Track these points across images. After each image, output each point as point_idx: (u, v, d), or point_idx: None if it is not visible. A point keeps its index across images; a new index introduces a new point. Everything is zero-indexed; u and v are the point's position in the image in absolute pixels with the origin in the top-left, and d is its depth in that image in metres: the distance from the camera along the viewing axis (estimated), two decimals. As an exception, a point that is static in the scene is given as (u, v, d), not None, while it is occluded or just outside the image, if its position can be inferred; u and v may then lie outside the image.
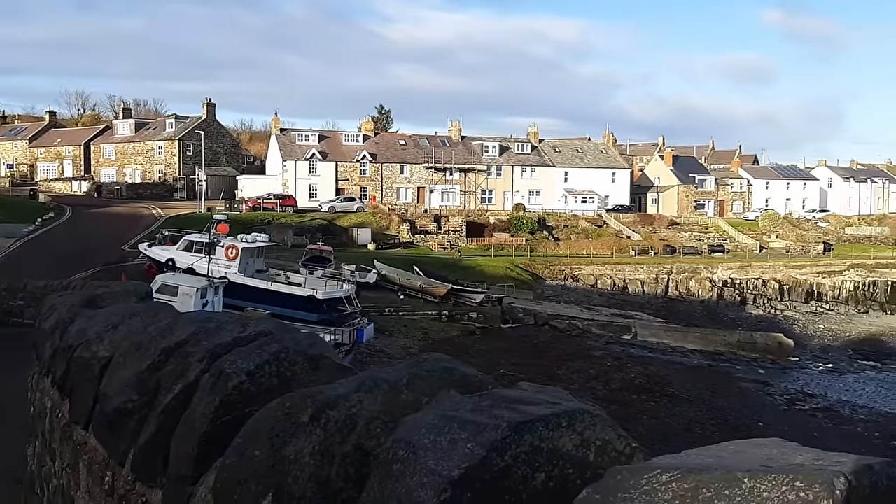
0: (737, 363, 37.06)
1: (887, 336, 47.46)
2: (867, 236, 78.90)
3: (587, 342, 38.45)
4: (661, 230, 72.85)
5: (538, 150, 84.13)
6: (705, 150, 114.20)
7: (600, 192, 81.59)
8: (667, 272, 57.18)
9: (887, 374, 37.74)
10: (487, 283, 47.14)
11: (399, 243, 60.86)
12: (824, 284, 58.75)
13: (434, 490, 1.28)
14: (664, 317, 48.17)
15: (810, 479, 1.01)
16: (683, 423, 26.33)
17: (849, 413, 30.20)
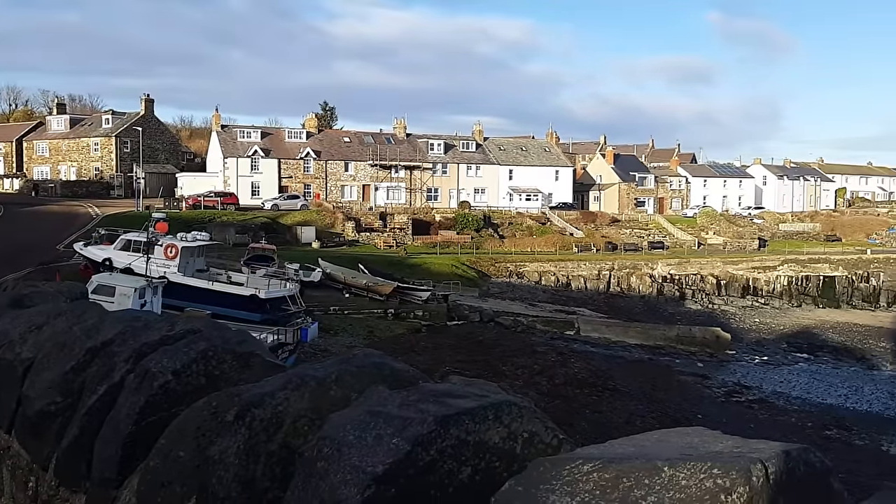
0: (676, 357, 37.88)
1: (819, 329, 49.13)
2: (800, 232, 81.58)
3: (532, 338, 38.81)
4: (603, 227, 74.01)
5: (483, 148, 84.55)
6: (645, 148, 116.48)
7: (544, 190, 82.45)
8: (609, 268, 58.11)
9: (819, 366, 39.08)
10: (433, 281, 47.18)
11: (344, 241, 60.44)
12: (760, 279, 60.53)
13: (357, 487, 1.25)
14: (606, 312, 48.96)
15: (728, 467, 1.02)
16: (625, 416, 26.79)
17: (783, 404, 31.16)
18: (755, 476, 1.03)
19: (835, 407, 31.06)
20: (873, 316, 55.03)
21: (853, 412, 30.40)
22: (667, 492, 1.04)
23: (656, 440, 1.27)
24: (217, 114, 76.83)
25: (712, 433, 1.30)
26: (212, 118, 78.86)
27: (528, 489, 1.12)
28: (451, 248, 61.27)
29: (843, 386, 34.50)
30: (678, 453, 1.12)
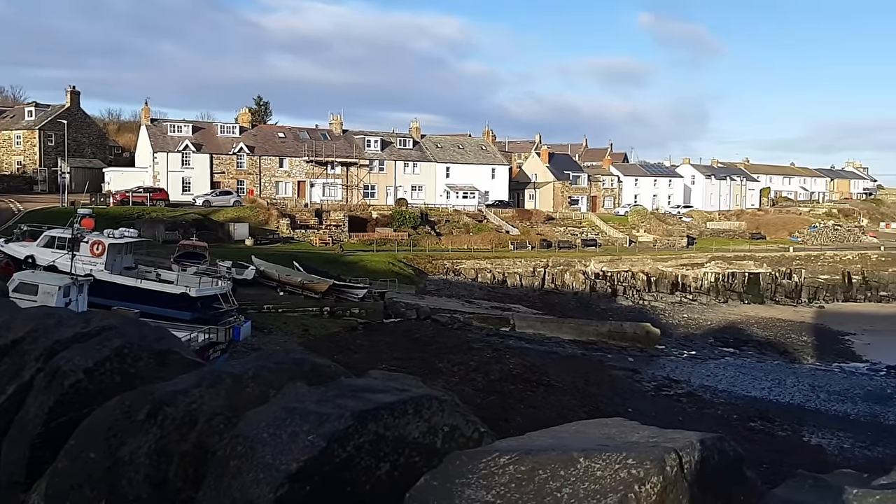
0: (608, 352, 38.58)
1: (745, 324, 50.81)
2: (726, 230, 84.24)
3: (468, 335, 38.99)
4: (538, 225, 74.94)
5: (420, 145, 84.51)
6: (579, 148, 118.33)
7: (481, 188, 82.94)
8: (543, 265, 58.83)
9: (745, 360, 40.39)
10: (370, 279, 46.95)
11: (278, 239, 59.58)
12: (688, 276, 62.24)
13: (270, 486, 1.21)
14: (541, 309, 49.56)
15: (642, 457, 1.02)
16: (558, 410, 27.14)
17: (710, 397, 32.05)
18: (669, 466, 1.04)
19: (759, 399, 32.10)
20: (795, 311, 57.22)
21: (776, 404, 31.49)
22: (582, 483, 1.03)
23: (575, 431, 1.26)
24: (146, 107, 74.68)
25: (630, 424, 1.30)
26: (141, 112, 76.61)
27: (443, 483, 1.09)
28: (388, 245, 61.09)
29: (767, 379, 35.69)
30: (595, 444, 1.12)
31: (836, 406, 31.50)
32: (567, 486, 1.02)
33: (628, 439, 1.16)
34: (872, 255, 69.55)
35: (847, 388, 34.33)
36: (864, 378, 37.39)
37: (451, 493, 1.05)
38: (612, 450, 1.08)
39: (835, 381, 36.09)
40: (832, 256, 67.84)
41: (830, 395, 33.20)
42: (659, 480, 1.02)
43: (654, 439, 1.15)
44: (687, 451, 1.08)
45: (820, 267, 66.08)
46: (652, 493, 1.01)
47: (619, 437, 1.18)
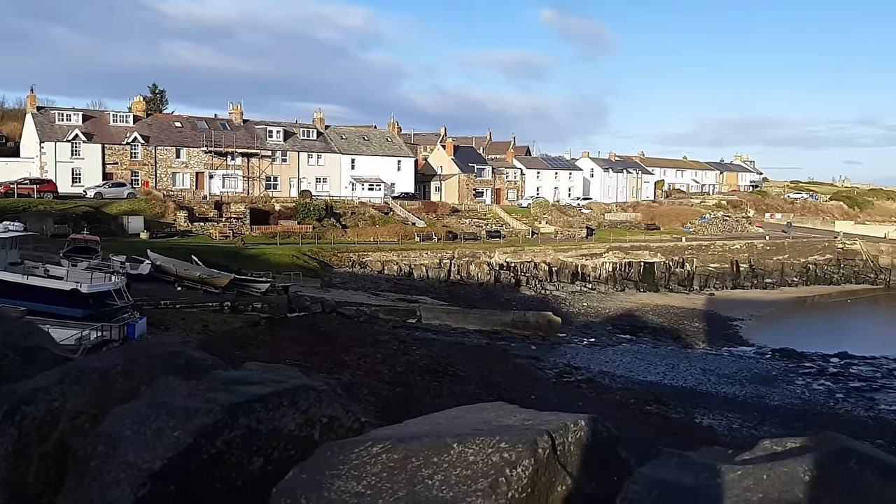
0: (512, 341, 39.23)
1: (641, 311, 52.73)
2: (623, 221, 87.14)
3: (374, 327, 38.82)
4: (444, 217, 75.39)
5: (324, 136, 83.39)
6: (484, 141, 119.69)
7: (387, 180, 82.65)
8: (449, 257, 59.25)
9: (641, 346, 41.92)
10: (273, 272, 46.04)
11: (176, 232, 57.61)
12: (587, 266, 64.05)
13: (131, 486, 1.13)
14: (447, 300, 49.91)
15: (514, 440, 1.02)
16: (464, 400, 27.27)
17: (609, 382, 33.08)
18: (541, 448, 1.03)
19: (654, 384, 33.35)
20: (688, 298, 59.84)
21: (670, 388, 32.80)
22: (454, 469, 1.01)
23: (454, 417, 1.25)
24: (32, 94, 70.50)
25: (510, 407, 1.30)
26: (26, 99, 72.22)
27: (312, 476, 1.05)
28: (291, 238, 60.05)
29: (662, 364, 37.13)
30: (470, 429, 1.11)
31: (725, 388, 33.09)
32: (439, 473, 1.01)
33: (504, 423, 1.16)
34: (758, 244, 73.50)
35: (735, 372, 36.14)
36: (751, 361, 39.47)
37: (320, 486, 1.01)
38: (487, 434, 1.07)
39: (724, 364, 37.92)
40: (722, 246, 71.25)
41: (720, 378, 34.85)
42: (531, 463, 1.02)
43: (530, 422, 1.15)
44: (560, 432, 1.08)
45: (710, 256, 69.32)
46: (523, 476, 1.01)
47: (496, 422, 1.17)
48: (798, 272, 71.45)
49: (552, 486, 0.99)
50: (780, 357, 40.33)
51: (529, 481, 0.98)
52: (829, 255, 74.80)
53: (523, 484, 0.96)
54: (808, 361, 39.03)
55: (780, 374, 36.06)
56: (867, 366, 38.50)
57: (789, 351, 41.25)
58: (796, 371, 36.83)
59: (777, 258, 71.93)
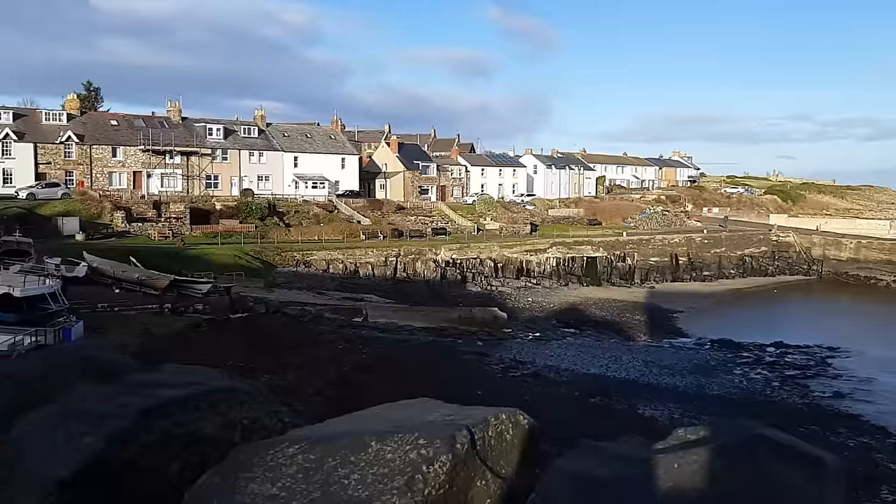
0: (459, 338, 39.33)
1: (584, 305, 53.49)
2: (566, 217, 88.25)
3: (320, 327, 38.45)
4: (390, 214, 75.16)
5: (266, 134, 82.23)
6: (428, 138, 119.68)
7: (330, 178, 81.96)
8: (395, 255, 59.12)
9: (585, 340, 42.50)
10: (215, 273, 45.20)
11: (113, 233, 56.09)
12: (532, 261, 64.67)
13: (38, 496, 1.09)
14: (393, 298, 49.77)
15: (433, 436, 1.01)
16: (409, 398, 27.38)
17: (554, 376, 33.42)
18: (459, 443, 1.03)
19: (598, 376, 33.83)
20: (629, 292, 60.94)
21: (614, 380, 33.32)
22: (371, 467, 1.00)
23: (377, 415, 1.24)
24: (-44, 91, 67.71)
25: (435, 402, 1.30)
26: (-51, 95, 69.34)
27: (226, 479, 1.03)
28: (233, 237, 59.06)
29: (605, 357, 37.71)
30: (391, 427, 1.10)
31: (666, 379, 33.78)
32: (356, 472, 1.00)
33: (426, 419, 1.15)
34: (696, 238, 75.30)
35: (676, 363, 36.94)
36: (691, 352, 40.42)
37: (233, 489, 0.99)
38: (407, 431, 1.06)
39: (665, 356, 38.74)
40: (661, 240, 72.75)
41: (662, 369, 35.57)
42: (448, 459, 1.02)
43: (451, 417, 1.15)
44: (480, 426, 1.08)
45: (651, 250, 70.71)
46: (441, 473, 1.00)
47: (418, 418, 1.17)
48: (735, 264, 73.44)
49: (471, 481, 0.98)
50: (718, 348, 41.40)
51: (447, 477, 0.97)
52: (764, 248, 77.09)
53: (441, 480, 0.96)
54: (746, 351, 40.16)
55: (719, 364, 37.01)
56: (801, 354, 39.82)
57: (727, 341, 42.39)
58: (734, 361, 37.85)
59: (714, 251, 73.81)
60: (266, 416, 1.29)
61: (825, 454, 1.01)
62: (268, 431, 1.30)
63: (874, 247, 72.26)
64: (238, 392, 1.26)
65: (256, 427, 1.27)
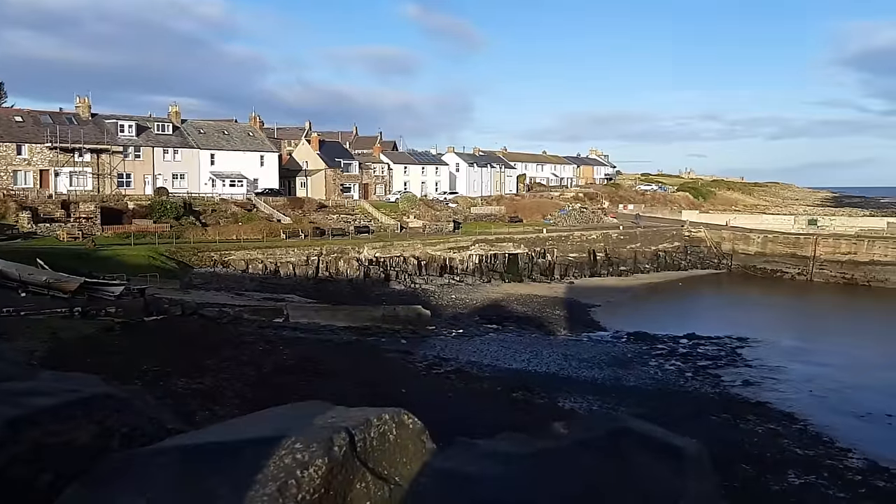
0: (382, 336, 39.17)
1: (506, 301, 54.15)
2: (488, 215, 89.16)
3: (239, 328, 37.58)
4: (311, 213, 74.28)
5: (181, 131, 79.93)
6: (350, 135, 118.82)
7: (249, 176, 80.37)
8: (317, 254, 58.47)
9: (506, 335, 43.01)
10: (128, 275, 43.65)
11: (18, 234, 53.51)
12: (455, 259, 65.07)
13: None
14: (315, 297, 49.20)
15: (310, 440, 1.00)
16: (335, 398, 26.78)
17: (477, 372, 33.67)
18: (337, 446, 1.02)
19: (520, 371, 34.28)
20: (549, 287, 62.04)
21: (535, 374, 33.82)
22: (244, 475, 0.98)
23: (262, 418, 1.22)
24: None
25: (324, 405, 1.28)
26: None
27: (94, 489, 1.00)
28: (147, 238, 57.23)
29: (526, 351, 38.25)
30: (271, 432, 1.08)
31: (585, 372, 34.53)
32: (228, 481, 0.97)
33: (310, 422, 1.14)
34: (613, 234, 77.27)
35: (594, 356, 37.81)
36: (609, 345, 41.44)
37: (99, 501, 0.95)
38: (285, 436, 1.04)
39: (584, 349, 39.59)
40: (580, 236, 74.34)
41: (581, 362, 36.33)
42: (324, 462, 1.01)
43: (334, 419, 1.14)
44: (361, 428, 1.08)
45: (569, 246, 72.17)
46: (316, 477, 0.99)
47: (302, 421, 1.15)
48: (650, 259, 75.73)
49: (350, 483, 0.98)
50: (634, 340, 42.59)
51: (323, 481, 0.96)
52: (677, 243, 79.75)
53: (316, 484, 0.95)
54: (661, 343, 41.45)
55: (636, 357, 38.07)
56: (713, 345, 41.37)
57: (643, 334, 43.66)
58: (650, 353, 39.01)
59: (630, 247, 75.91)
60: (147, 424, 1.25)
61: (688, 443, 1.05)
62: (149, 439, 1.26)
63: (779, 241, 75.70)
64: (116, 399, 1.22)
65: (136, 435, 1.23)
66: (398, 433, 1.12)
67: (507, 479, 0.94)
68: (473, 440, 1.17)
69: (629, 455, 0.96)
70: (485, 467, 0.97)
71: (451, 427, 4.05)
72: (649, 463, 0.93)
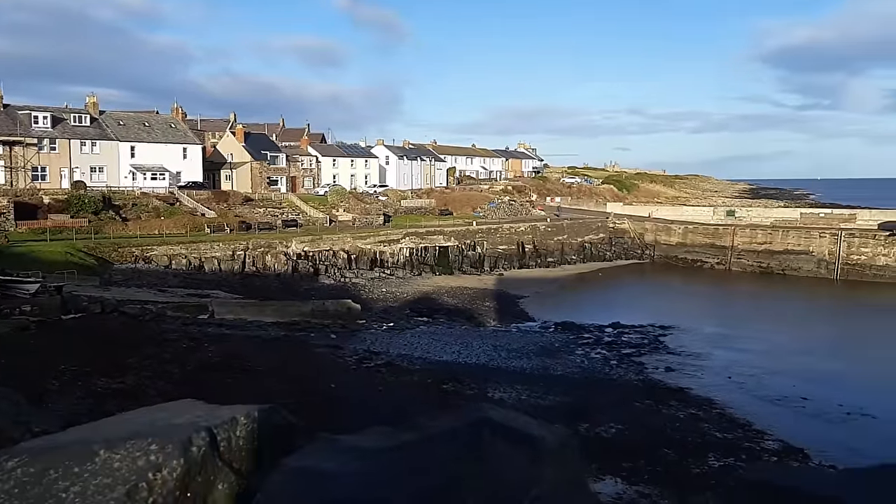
0: (311, 331, 38.80)
1: (437, 294, 54.33)
2: (419, 208, 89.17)
3: (162, 326, 36.65)
4: (237, 207, 72.83)
5: (100, 122, 77.11)
6: (277, 127, 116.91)
7: (172, 169, 78.20)
8: (243, 248, 57.41)
9: (437, 328, 43.17)
10: (44, 272, 41.96)
11: (-78, 230, 50.77)
12: (385, 252, 64.89)
13: None
14: (242, 293, 48.33)
15: (166, 441, 0.98)
16: (263, 396, 26.65)
17: (407, 365, 33.71)
18: (195, 446, 1.00)
19: (450, 363, 34.49)
20: (479, 280, 62.54)
21: (465, 366, 34.08)
22: (94, 478, 0.95)
23: (124, 419, 1.18)
24: None
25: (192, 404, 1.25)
26: None
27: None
28: (64, 233, 55.15)
29: (457, 343, 38.48)
30: (128, 433, 1.05)
31: (514, 362, 34.97)
32: (77, 485, 0.94)
33: (172, 422, 1.11)
34: (541, 226, 78.37)
35: (523, 346, 38.33)
36: (537, 335, 42.08)
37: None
38: (143, 437, 1.02)
39: (513, 340, 40.08)
40: (509, 229, 75.14)
41: (510, 353, 36.78)
42: (179, 464, 0.98)
43: (199, 419, 1.11)
44: (226, 426, 1.05)
45: (499, 238, 72.88)
46: (170, 479, 0.97)
47: (165, 421, 1.12)
48: (576, 251, 77.14)
49: (211, 485, 0.96)
50: (562, 330, 43.36)
51: (179, 483, 0.94)
52: (602, 235, 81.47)
53: (170, 487, 0.93)
54: (587, 332, 42.32)
55: (563, 346, 38.78)
56: (636, 333, 42.48)
57: (570, 324, 44.51)
58: (576, 342, 39.79)
59: (557, 238, 77.16)
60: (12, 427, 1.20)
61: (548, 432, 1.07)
62: (13, 442, 1.21)
63: (699, 231, 78.18)
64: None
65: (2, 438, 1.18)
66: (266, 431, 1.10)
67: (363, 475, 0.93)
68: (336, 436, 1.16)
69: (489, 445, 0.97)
70: (342, 463, 0.97)
71: (383, 420, 4.04)
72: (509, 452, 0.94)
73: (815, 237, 69.85)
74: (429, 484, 0.95)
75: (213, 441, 0.99)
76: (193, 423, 1.04)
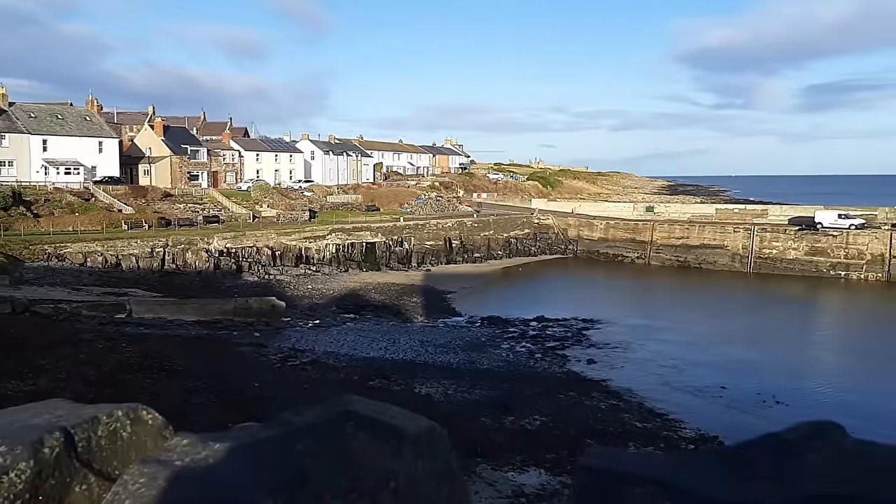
0: (234, 329, 38.12)
1: (363, 290, 54.04)
2: (345, 203, 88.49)
3: (77, 325, 35.39)
4: (156, 202, 70.74)
5: (9, 114, 73.59)
6: (197, 121, 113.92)
7: (86, 163, 75.33)
8: (162, 245, 55.81)
9: (364, 324, 42.99)
10: (-54, 271, 39.84)
11: None
12: (311, 248, 64.13)
13: None
14: (161, 291, 47.02)
15: (15, 442, 0.94)
16: (183, 395, 26.05)
17: (333, 362, 33.48)
18: (48, 447, 0.97)
19: (377, 359, 34.43)
20: (407, 275, 62.53)
21: (392, 362, 34.08)
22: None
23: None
24: None
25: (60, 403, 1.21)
26: None
27: None
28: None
29: (384, 339, 38.42)
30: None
31: (441, 357, 35.16)
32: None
33: (30, 422, 1.07)
34: (468, 221, 78.87)
35: (450, 341, 38.56)
36: (464, 330, 42.39)
37: None
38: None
39: (440, 335, 40.27)
40: (436, 224, 75.33)
41: (437, 348, 36.94)
42: (29, 465, 0.95)
43: (59, 418, 1.07)
44: (85, 426, 1.02)
45: (426, 234, 72.99)
46: (18, 482, 0.93)
47: (22, 423, 1.08)
48: (502, 246, 77.99)
49: (68, 487, 0.93)
50: (488, 324, 43.80)
51: (28, 486, 0.91)
52: (527, 230, 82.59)
53: (17, 490, 0.89)
54: (512, 327, 42.86)
55: (489, 340, 39.17)
56: (560, 327, 43.25)
57: (496, 318, 44.99)
58: (502, 336, 40.27)
59: (484, 234, 77.82)
60: None
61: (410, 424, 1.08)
62: None
63: (620, 227, 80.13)
64: None
65: None
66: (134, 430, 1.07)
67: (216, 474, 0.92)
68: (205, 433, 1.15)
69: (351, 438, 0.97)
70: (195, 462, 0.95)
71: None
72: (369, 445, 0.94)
73: (730, 232, 72.54)
74: (281, 479, 0.94)
75: (69, 441, 0.96)
76: (50, 423, 1.00)
